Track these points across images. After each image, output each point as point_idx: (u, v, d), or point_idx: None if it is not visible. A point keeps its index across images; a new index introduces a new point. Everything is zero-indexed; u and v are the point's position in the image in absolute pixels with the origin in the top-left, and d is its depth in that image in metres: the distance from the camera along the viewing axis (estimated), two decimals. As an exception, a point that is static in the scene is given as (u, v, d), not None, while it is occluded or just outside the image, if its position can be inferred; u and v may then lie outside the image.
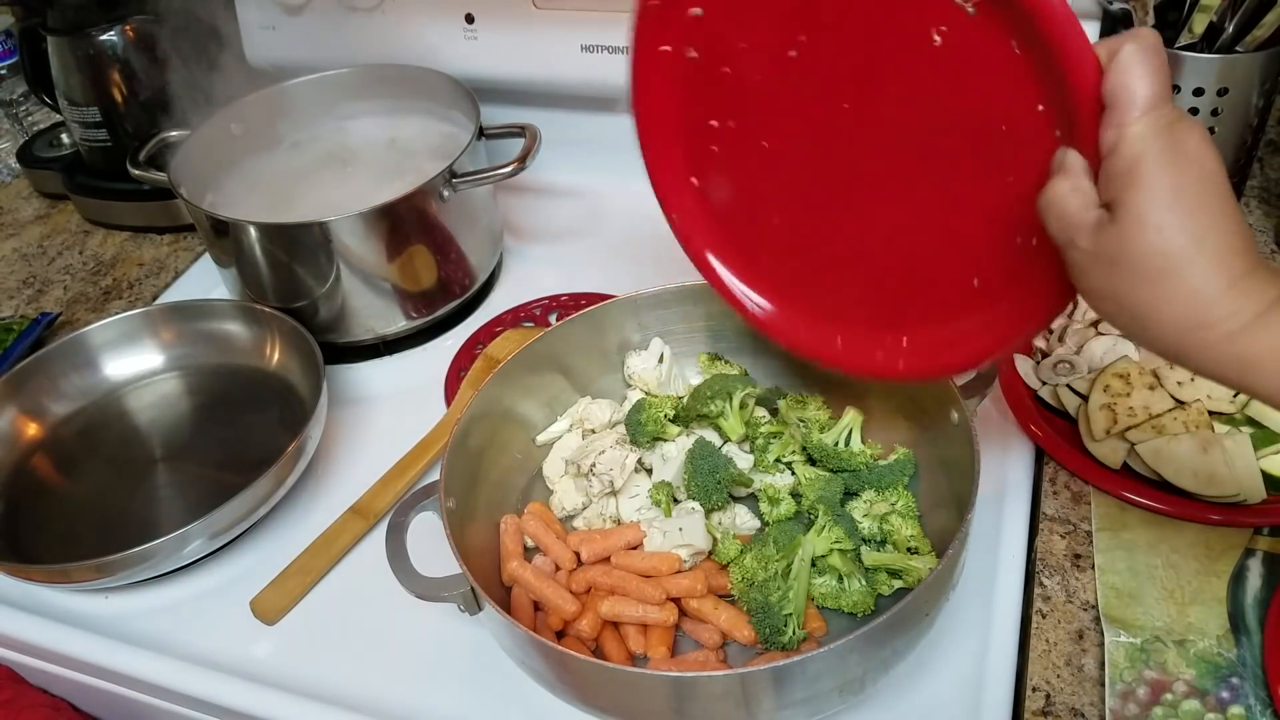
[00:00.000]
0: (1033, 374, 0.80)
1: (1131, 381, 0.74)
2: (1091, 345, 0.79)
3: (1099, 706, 0.59)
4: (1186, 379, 0.74)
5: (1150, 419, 0.72)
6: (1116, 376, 0.74)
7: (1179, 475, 0.69)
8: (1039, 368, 0.80)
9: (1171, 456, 0.69)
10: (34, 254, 1.17)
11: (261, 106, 1.03)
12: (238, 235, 0.88)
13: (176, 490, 0.83)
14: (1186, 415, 0.72)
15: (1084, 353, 0.79)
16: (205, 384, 0.92)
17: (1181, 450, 0.69)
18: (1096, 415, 0.73)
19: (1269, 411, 0.72)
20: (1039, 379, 0.79)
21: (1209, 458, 0.68)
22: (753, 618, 0.62)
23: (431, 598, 0.61)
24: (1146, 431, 0.72)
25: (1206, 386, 0.73)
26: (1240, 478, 0.68)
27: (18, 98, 1.34)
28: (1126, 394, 0.73)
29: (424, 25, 1.04)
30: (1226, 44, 0.80)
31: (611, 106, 1.09)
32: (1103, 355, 0.78)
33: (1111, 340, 0.79)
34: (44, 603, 0.77)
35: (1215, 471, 0.68)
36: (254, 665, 0.70)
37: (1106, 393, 0.74)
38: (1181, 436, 0.70)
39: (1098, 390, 0.74)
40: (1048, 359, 0.80)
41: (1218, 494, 0.68)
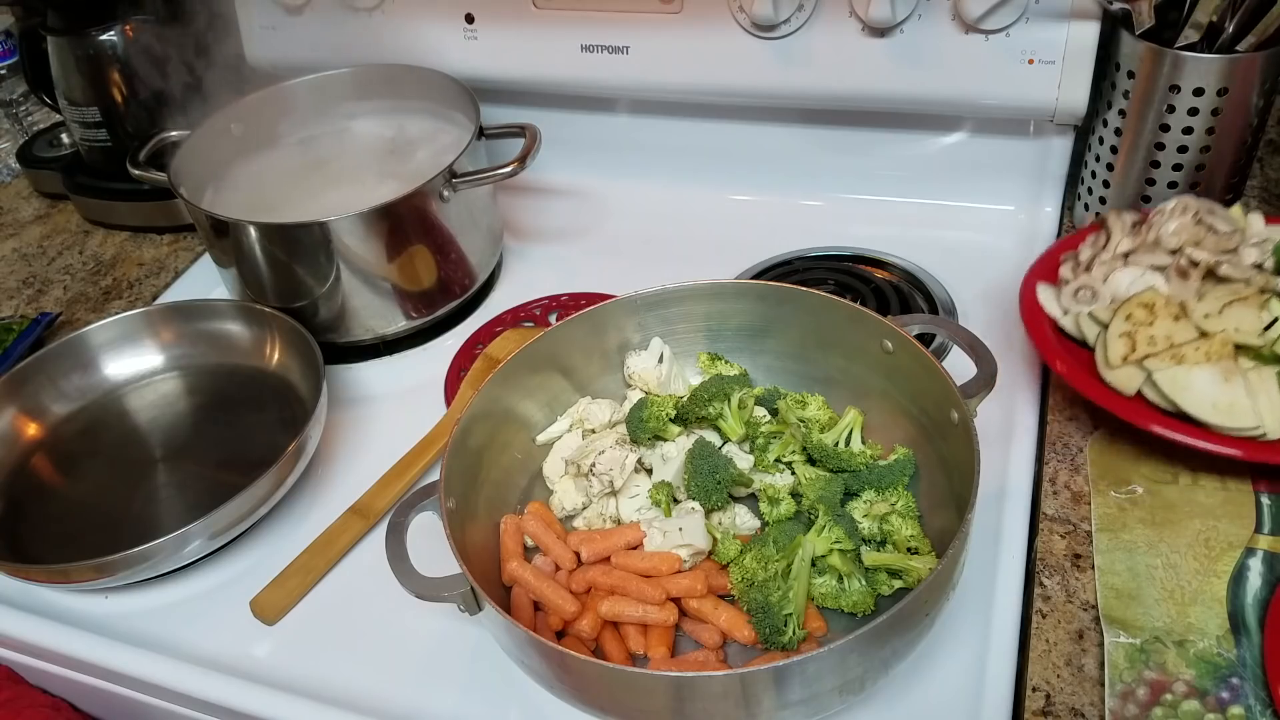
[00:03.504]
0: (1054, 301, 0.78)
1: (1156, 311, 0.72)
2: (1118, 275, 0.77)
3: (1099, 707, 0.59)
4: (1215, 311, 0.70)
5: (1170, 348, 0.69)
6: (1141, 306, 0.72)
7: (1197, 405, 0.66)
8: (1061, 295, 0.79)
9: (1190, 385, 0.67)
10: (34, 254, 1.17)
11: (261, 106, 1.03)
12: (238, 235, 0.88)
13: (176, 490, 0.83)
14: (1209, 346, 0.69)
15: (1109, 282, 0.77)
16: (205, 384, 0.92)
17: (1201, 379, 0.67)
18: (1114, 342, 0.71)
19: None
20: (1060, 306, 0.78)
21: (1230, 388, 0.67)
22: (753, 618, 0.62)
23: (431, 598, 0.61)
24: (1165, 360, 0.69)
25: (1235, 319, 0.70)
26: (1262, 410, 0.66)
27: (18, 98, 1.34)
28: (1149, 323, 0.71)
29: (424, 25, 1.04)
30: (1226, 44, 0.80)
31: (611, 106, 1.10)
32: (1129, 285, 0.76)
33: (1139, 271, 0.76)
34: (44, 603, 0.77)
35: (1236, 402, 0.66)
36: (254, 665, 0.70)
37: (1128, 321, 0.72)
38: (1202, 365, 0.68)
39: (1119, 319, 0.72)
40: (1069, 286, 0.78)
41: (1237, 426, 0.66)
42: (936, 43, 0.89)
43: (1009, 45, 0.87)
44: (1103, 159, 0.89)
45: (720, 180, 1.09)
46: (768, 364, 0.80)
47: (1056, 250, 0.85)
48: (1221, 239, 0.77)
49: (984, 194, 1.00)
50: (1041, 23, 0.85)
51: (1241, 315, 0.71)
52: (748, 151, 1.07)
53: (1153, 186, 0.86)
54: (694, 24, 0.95)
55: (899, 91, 0.92)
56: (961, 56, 0.89)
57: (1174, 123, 0.82)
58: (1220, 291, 0.74)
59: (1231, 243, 0.77)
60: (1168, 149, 0.84)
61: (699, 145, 1.08)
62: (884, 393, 0.73)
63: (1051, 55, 0.86)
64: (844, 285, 0.93)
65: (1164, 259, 0.77)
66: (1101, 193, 0.91)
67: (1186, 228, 0.78)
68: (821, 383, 0.77)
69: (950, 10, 0.87)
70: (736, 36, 0.94)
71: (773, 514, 0.70)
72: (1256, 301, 0.72)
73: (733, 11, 0.93)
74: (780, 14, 0.90)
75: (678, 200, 1.09)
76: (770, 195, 1.07)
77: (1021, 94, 0.89)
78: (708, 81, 0.98)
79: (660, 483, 0.72)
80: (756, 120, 1.04)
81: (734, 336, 0.80)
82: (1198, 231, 0.78)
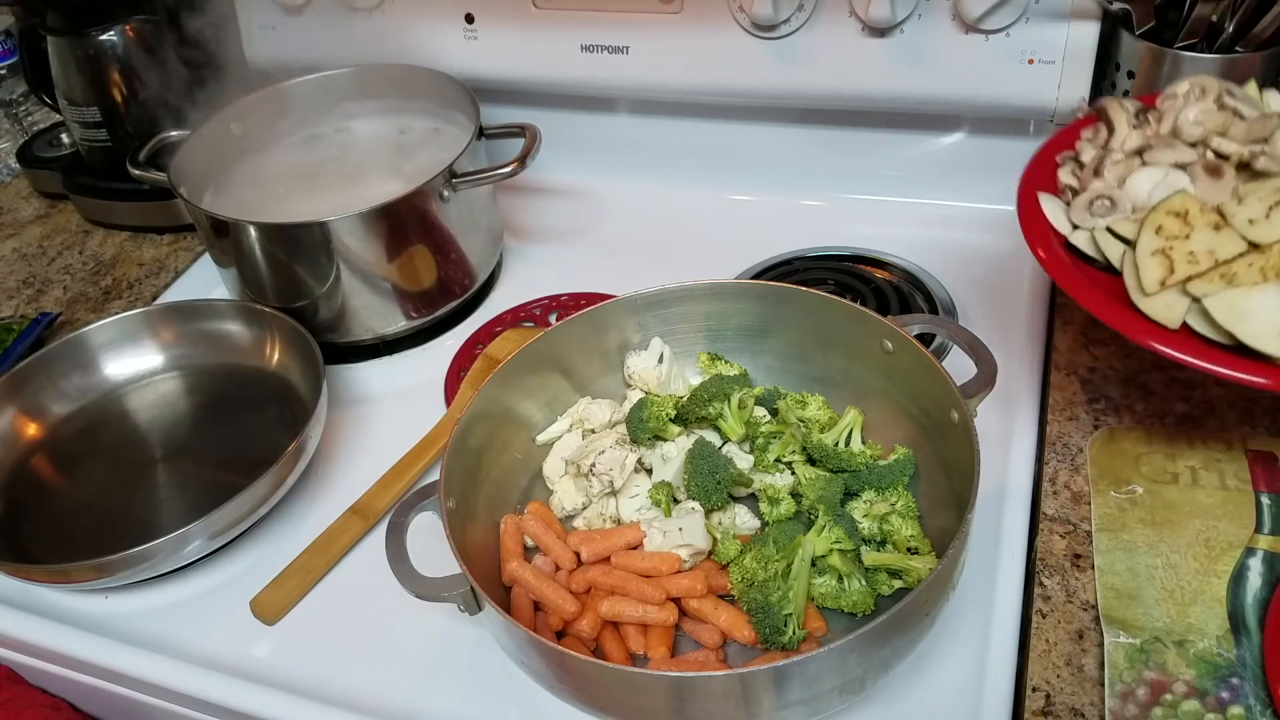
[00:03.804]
0: (1063, 216, 0.66)
1: (1191, 220, 0.60)
2: (1136, 178, 0.65)
3: (1099, 707, 0.59)
4: (1261, 215, 0.59)
5: (1217, 266, 0.58)
6: (1172, 215, 0.61)
7: (1260, 335, 0.56)
8: (1071, 208, 0.67)
9: (1249, 311, 0.56)
10: (34, 254, 1.17)
11: (261, 106, 1.03)
12: (237, 235, 0.88)
13: (176, 490, 0.83)
14: (1265, 260, 0.58)
15: (1127, 188, 0.65)
16: (205, 384, 0.92)
17: (1263, 303, 0.56)
18: (1148, 263, 0.60)
19: None
20: (1071, 222, 0.66)
21: None
22: (753, 618, 0.62)
23: (431, 598, 0.61)
24: (1214, 282, 0.59)
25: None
26: None
27: (17, 98, 1.34)
28: (1185, 236, 0.60)
29: (424, 25, 1.04)
30: (1226, 44, 0.80)
31: (611, 106, 1.10)
32: (1151, 191, 0.64)
33: (1162, 171, 0.64)
34: (44, 603, 0.77)
35: None
36: (254, 665, 0.70)
37: (1160, 235, 0.60)
38: (1262, 286, 0.57)
39: (1148, 233, 0.61)
40: (1081, 196, 0.66)
41: None
42: (936, 43, 0.89)
43: (1009, 45, 0.87)
44: (1103, 159, 0.89)
45: (720, 180, 1.09)
46: (768, 364, 0.80)
47: (1048, 150, 0.75)
48: (1252, 126, 0.66)
49: (984, 194, 1.00)
50: (1041, 23, 0.85)
51: None
52: (748, 151, 1.07)
53: (1153, 186, 0.86)
54: (694, 24, 0.95)
55: (899, 91, 0.92)
56: (961, 56, 0.89)
57: (1174, 123, 0.82)
58: (1262, 190, 0.62)
59: (1265, 129, 0.65)
60: (1168, 149, 0.84)
61: (699, 145, 1.08)
62: (884, 393, 0.73)
63: (1051, 55, 0.86)
64: (844, 285, 0.93)
65: (1187, 155, 0.66)
66: (1101, 193, 0.90)
67: (1209, 114, 0.66)
68: (821, 383, 0.77)
69: (950, 10, 0.87)
70: (736, 36, 0.94)
71: (773, 514, 0.70)
72: None
73: (733, 11, 0.93)
74: (780, 14, 0.90)
75: (678, 200, 1.09)
76: (770, 195, 1.07)
77: (1021, 94, 0.89)
78: (708, 81, 0.98)
79: (660, 483, 0.72)
80: (757, 120, 1.04)
81: (734, 336, 0.80)
82: (1222, 118, 0.66)
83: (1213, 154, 0.65)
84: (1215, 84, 0.68)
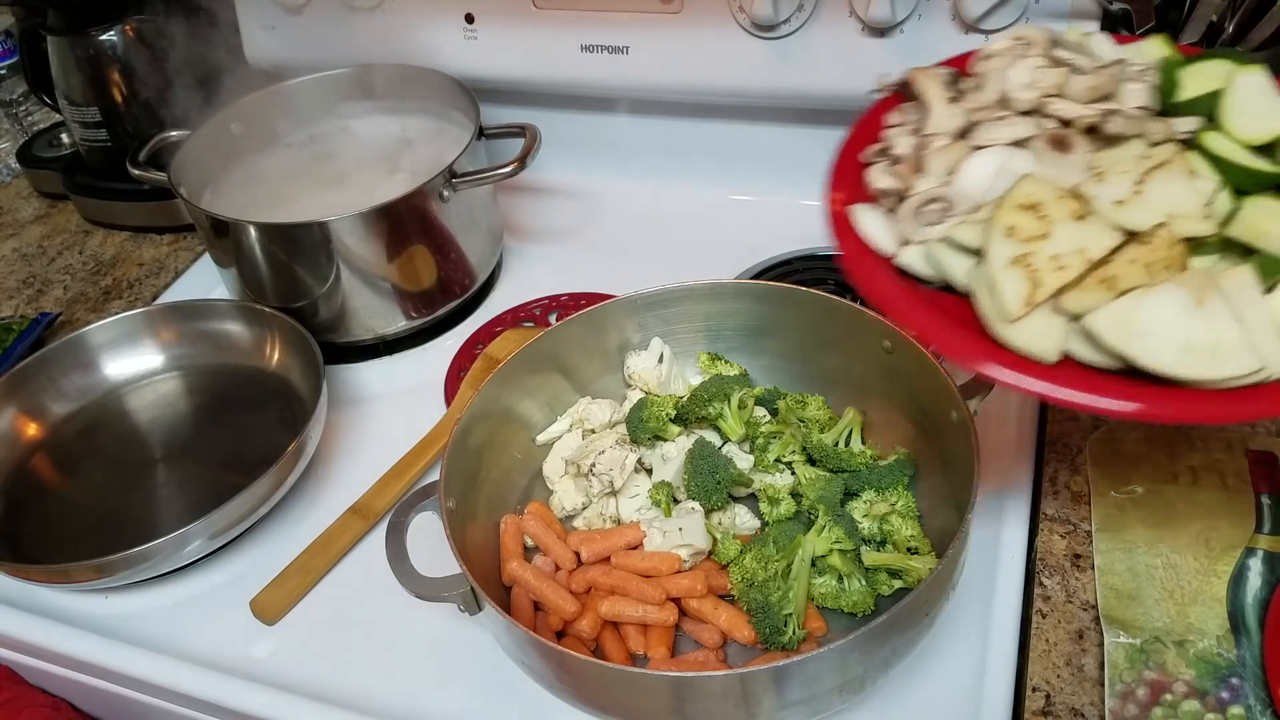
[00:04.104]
0: (885, 231, 0.52)
1: (1047, 213, 0.48)
2: (969, 167, 0.51)
3: (1099, 706, 0.59)
4: (1128, 192, 0.48)
5: (1093, 269, 0.47)
6: (1022, 210, 0.48)
7: (1162, 353, 0.45)
8: (895, 217, 0.53)
9: (1144, 325, 0.45)
10: (34, 254, 1.17)
11: (261, 106, 1.03)
12: (237, 235, 0.88)
13: (176, 490, 0.83)
14: (1149, 252, 0.46)
15: (959, 181, 0.51)
16: (205, 384, 0.92)
17: (1159, 311, 0.45)
18: (1004, 278, 0.47)
19: (1261, 218, 0.47)
20: (896, 236, 0.52)
21: (1205, 316, 0.45)
22: (753, 618, 0.62)
23: (431, 598, 0.61)
24: (1093, 292, 0.47)
25: (1163, 196, 0.47)
26: (1258, 339, 0.46)
27: (18, 98, 1.34)
28: (1044, 235, 0.47)
29: (424, 25, 1.04)
30: (1227, 43, 0.80)
31: (611, 106, 1.10)
32: (990, 181, 0.51)
33: (1002, 154, 0.51)
34: (44, 603, 0.77)
35: (1219, 337, 0.45)
36: (254, 665, 0.70)
37: (1013, 238, 0.47)
38: (1153, 289, 0.45)
39: (997, 238, 0.47)
40: (906, 202, 0.52)
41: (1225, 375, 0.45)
42: (937, 43, 0.89)
43: (1009, 45, 0.87)
44: (1103, 159, 0.89)
45: (720, 180, 1.09)
46: (768, 364, 0.80)
47: (851, 147, 0.60)
48: (1092, 80, 0.53)
49: (984, 194, 1.00)
50: (1041, 22, 0.85)
51: (1168, 189, 0.49)
52: (748, 151, 1.07)
53: (1153, 186, 0.86)
54: (694, 24, 0.95)
55: (899, 91, 0.92)
56: (961, 56, 0.89)
57: (1174, 123, 0.82)
58: (1123, 159, 0.51)
59: (1110, 82, 0.53)
60: (1168, 149, 0.83)
61: (699, 145, 1.08)
62: (884, 393, 0.73)
63: (1051, 55, 0.86)
64: (844, 285, 0.93)
65: (1024, 127, 0.53)
66: (1101, 193, 0.90)
67: (1040, 73, 0.54)
68: (821, 383, 0.77)
69: (950, 10, 0.87)
70: (736, 36, 0.94)
71: (773, 514, 0.70)
72: (1180, 163, 0.49)
73: (733, 11, 0.93)
74: (780, 14, 0.90)
75: (678, 200, 1.09)
76: (770, 195, 1.07)
77: (1021, 94, 0.89)
78: (708, 81, 0.98)
79: (660, 483, 0.72)
80: (756, 120, 1.04)
81: (734, 336, 0.80)
82: (1056, 76, 0.53)
83: (1055, 122, 0.52)
84: (1039, 33, 0.57)
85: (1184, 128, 0.53)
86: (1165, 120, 0.53)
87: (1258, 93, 0.55)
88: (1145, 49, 0.60)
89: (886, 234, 0.53)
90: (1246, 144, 0.53)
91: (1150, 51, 0.60)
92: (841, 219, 0.54)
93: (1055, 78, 0.54)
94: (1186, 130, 0.53)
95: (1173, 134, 0.52)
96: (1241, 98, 0.54)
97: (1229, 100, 0.54)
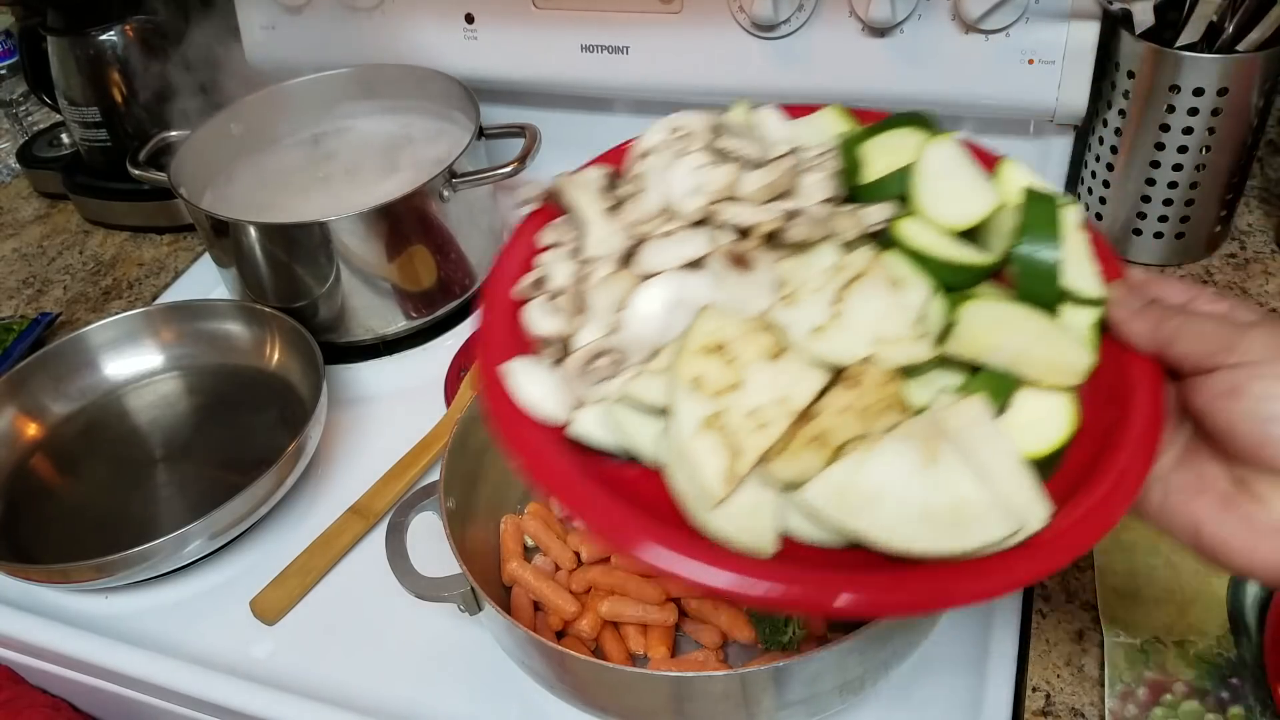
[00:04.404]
0: (552, 392, 0.42)
1: (736, 353, 0.39)
2: (638, 302, 0.42)
3: (1099, 706, 0.59)
4: (826, 315, 0.40)
5: (800, 422, 0.38)
6: (707, 353, 0.39)
7: (897, 529, 0.36)
8: (563, 373, 0.43)
9: (870, 492, 0.37)
10: (34, 254, 1.17)
11: (261, 106, 1.03)
12: (237, 235, 0.88)
13: (176, 490, 0.83)
14: (860, 396, 0.38)
15: (629, 322, 0.42)
16: (205, 384, 0.92)
17: (887, 471, 0.37)
18: (697, 448, 0.37)
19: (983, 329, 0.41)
20: (565, 399, 0.42)
21: (940, 472, 0.37)
22: (753, 618, 0.62)
23: (431, 598, 0.61)
24: (804, 453, 0.38)
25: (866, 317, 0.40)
26: (1005, 488, 0.38)
27: (17, 98, 1.34)
28: (736, 384, 0.39)
29: (424, 25, 1.04)
30: (1227, 44, 0.80)
31: (611, 107, 1.10)
32: (667, 319, 0.41)
33: (675, 281, 0.42)
34: (44, 603, 0.77)
35: (959, 499, 0.37)
36: (254, 665, 0.70)
37: (700, 392, 0.38)
38: (874, 441, 0.37)
39: (683, 393, 0.38)
40: (573, 358, 0.42)
41: (977, 545, 0.37)
42: (936, 43, 0.89)
43: (1009, 45, 0.87)
44: (1103, 159, 0.89)
45: (720, 180, 1.09)
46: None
47: (501, 275, 0.49)
48: (766, 175, 0.44)
49: (984, 194, 1.00)
50: (1041, 23, 0.85)
51: (870, 308, 0.41)
52: (748, 151, 1.07)
53: (1153, 186, 0.86)
54: (694, 24, 0.95)
55: (899, 91, 0.92)
56: (961, 56, 0.89)
57: (1174, 123, 0.82)
58: (813, 272, 0.42)
59: (782, 177, 0.44)
60: (1168, 149, 0.84)
61: (699, 145, 1.08)
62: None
63: (1051, 55, 0.86)
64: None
65: (695, 243, 0.43)
66: (1101, 193, 0.91)
67: (706, 172, 0.44)
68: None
69: (950, 10, 0.87)
70: (736, 36, 0.94)
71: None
72: (879, 272, 0.41)
73: (733, 11, 0.93)
74: (780, 14, 0.90)
75: (678, 200, 1.09)
76: (770, 195, 1.07)
77: (1021, 94, 0.89)
78: (708, 81, 0.98)
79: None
80: (756, 120, 1.04)
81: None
82: (726, 174, 0.44)
83: (731, 233, 0.43)
84: (698, 121, 0.48)
85: (875, 218, 0.45)
86: (857, 212, 0.45)
87: (952, 166, 0.48)
88: (821, 123, 0.53)
89: (554, 396, 0.41)
90: (949, 231, 0.46)
91: (827, 126, 0.53)
92: (494, 382, 0.43)
93: (723, 177, 0.44)
94: (878, 221, 0.45)
95: (866, 228, 0.44)
96: (934, 174, 0.47)
97: (921, 179, 0.47)
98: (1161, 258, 0.90)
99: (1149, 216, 0.88)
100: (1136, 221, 0.89)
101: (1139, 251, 0.90)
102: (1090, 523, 0.40)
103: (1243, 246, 0.91)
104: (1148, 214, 0.88)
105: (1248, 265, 0.89)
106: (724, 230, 0.44)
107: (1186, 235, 0.88)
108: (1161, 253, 0.90)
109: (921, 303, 0.42)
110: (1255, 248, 0.91)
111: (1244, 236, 0.92)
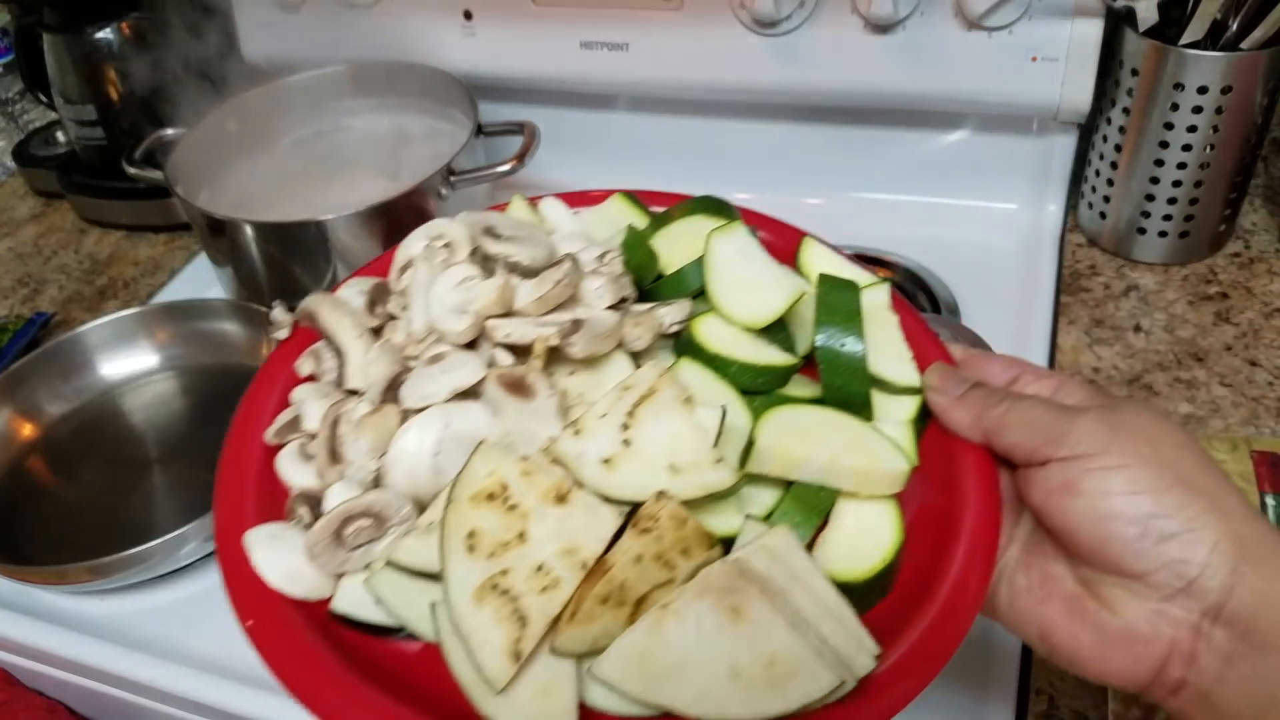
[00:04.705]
0: (300, 567, 0.37)
1: (517, 499, 0.34)
2: (402, 445, 0.37)
3: (1102, 709, 0.58)
4: (616, 444, 0.36)
5: (596, 577, 0.33)
6: (484, 502, 0.34)
7: (706, 697, 0.32)
8: (311, 542, 0.37)
9: (673, 663, 0.33)
10: (29, 253, 1.16)
11: (258, 104, 1.02)
12: (234, 234, 0.88)
13: (172, 491, 0.82)
14: (656, 541, 0.34)
15: (391, 471, 0.37)
16: (201, 384, 0.91)
17: (689, 641, 0.33)
18: (475, 624, 0.32)
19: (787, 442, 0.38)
20: (321, 570, 0.37)
21: (749, 627, 0.34)
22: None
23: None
24: (599, 613, 0.33)
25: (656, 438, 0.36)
26: (825, 634, 0.35)
27: (13, 96, 1.33)
28: (519, 536, 0.33)
29: (422, 22, 1.04)
30: (1230, 42, 0.79)
31: (611, 104, 1.09)
32: (435, 463, 0.36)
33: (443, 416, 0.37)
34: (39, 604, 0.76)
35: (772, 654, 0.33)
36: (251, 668, 0.69)
37: (476, 552, 0.33)
38: (676, 598, 0.34)
39: (456, 554, 0.33)
40: (323, 522, 0.37)
41: (796, 704, 0.34)
42: (939, 40, 0.88)
43: (1012, 43, 0.86)
44: (1106, 157, 0.89)
45: (721, 178, 1.07)
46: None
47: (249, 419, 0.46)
48: (539, 286, 0.39)
49: (987, 192, 0.99)
50: (1045, 20, 0.85)
51: (663, 430, 0.36)
52: (748, 149, 1.06)
53: (1156, 185, 0.86)
54: (694, 21, 0.95)
55: (901, 89, 0.92)
56: (964, 54, 0.88)
57: (1178, 121, 0.82)
58: (598, 393, 0.38)
59: (559, 288, 0.39)
60: (1172, 147, 0.83)
61: (699, 143, 1.07)
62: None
63: (1055, 53, 0.86)
64: (845, 284, 0.92)
65: (467, 369, 0.38)
66: (1105, 191, 0.90)
67: (475, 287, 0.40)
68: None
69: (953, 7, 0.87)
70: (737, 33, 0.93)
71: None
72: (670, 390, 0.37)
73: (734, 8, 0.93)
74: (781, 11, 0.90)
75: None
76: (771, 193, 1.06)
77: (1025, 91, 0.88)
78: (708, 79, 0.98)
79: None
80: (757, 118, 1.04)
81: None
82: (497, 287, 0.39)
83: (507, 353, 0.38)
84: (462, 228, 0.44)
85: (669, 319, 0.41)
86: (650, 314, 0.40)
87: (743, 258, 0.45)
88: (611, 211, 0.49)
89: (307, 570, 0.34)
90: (748, 328, 0.43)
91: (616, 215, 0.48)
92: (236, 554, 0.36)
93: (491, 290, 0.39)
94: (674, 323, 0.41)
95: (659, 331, 0.40)
96: (726, 268, 0.44)
97: (713, 273, 0.44)
98: (1165, 257, 0.89)
99: (1153, 215, 0.87)
100: (1141, 220, 0.88)
101: (1143, 251, 0.90)
102: (930, 649, 0.37)
103: (1247, 245, 0.91)
104: (1152, 213, 0.87)
105: (1252, 264, 0.89)
106: (501, 350, 0.39)
107: (1191, 234, 0.88)
108: (1165, 252, 0.89)
109: (717, 420, 0.37)
110: (1260, 247, 0.90)
111: (1248, 235, 0.91)
